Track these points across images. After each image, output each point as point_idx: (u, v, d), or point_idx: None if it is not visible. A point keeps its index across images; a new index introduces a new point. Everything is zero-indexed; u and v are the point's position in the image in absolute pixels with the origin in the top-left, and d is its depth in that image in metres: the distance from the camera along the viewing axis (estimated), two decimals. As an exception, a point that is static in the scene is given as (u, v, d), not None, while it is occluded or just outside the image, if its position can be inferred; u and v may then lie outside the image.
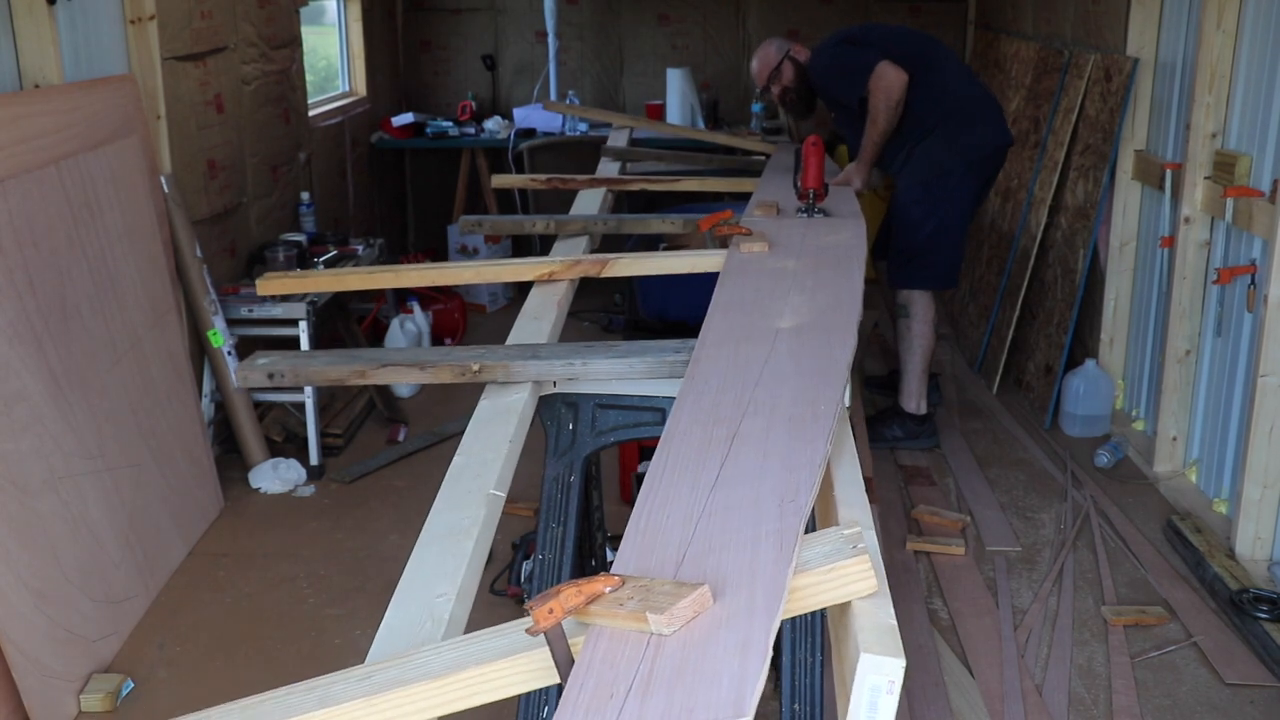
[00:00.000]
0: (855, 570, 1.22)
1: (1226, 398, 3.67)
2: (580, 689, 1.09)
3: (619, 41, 7.30)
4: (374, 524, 3.86)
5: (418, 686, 1.17)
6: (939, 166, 4.20)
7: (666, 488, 1.48)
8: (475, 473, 1.69)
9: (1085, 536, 3.66)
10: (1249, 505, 3.35)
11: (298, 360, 2.20)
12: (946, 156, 4.20)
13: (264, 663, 3.06)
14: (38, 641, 2.74)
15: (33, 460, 2.87)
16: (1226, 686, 2.88)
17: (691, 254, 2.97)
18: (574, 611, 1.16)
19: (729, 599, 1.19)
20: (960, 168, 4.22)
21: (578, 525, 2.14)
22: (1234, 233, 3.63)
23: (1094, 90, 4.60)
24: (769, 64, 4.43)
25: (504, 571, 3.31)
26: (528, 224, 3.57)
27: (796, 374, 1.80)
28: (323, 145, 5.70)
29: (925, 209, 4.23)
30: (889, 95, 4.04)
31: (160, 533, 3.45)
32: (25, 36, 3.21)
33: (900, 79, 4.04)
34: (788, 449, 1.53)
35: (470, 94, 7.07)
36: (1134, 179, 4.42)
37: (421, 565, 1.45)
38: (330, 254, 4.60)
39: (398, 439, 4.56)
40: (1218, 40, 3.63)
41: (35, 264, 3.01)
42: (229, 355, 4.03)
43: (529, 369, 2.04)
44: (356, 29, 6.51)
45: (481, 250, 6.42)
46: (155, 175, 3.78)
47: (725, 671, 1.07)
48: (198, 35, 4.15)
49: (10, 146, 2.97)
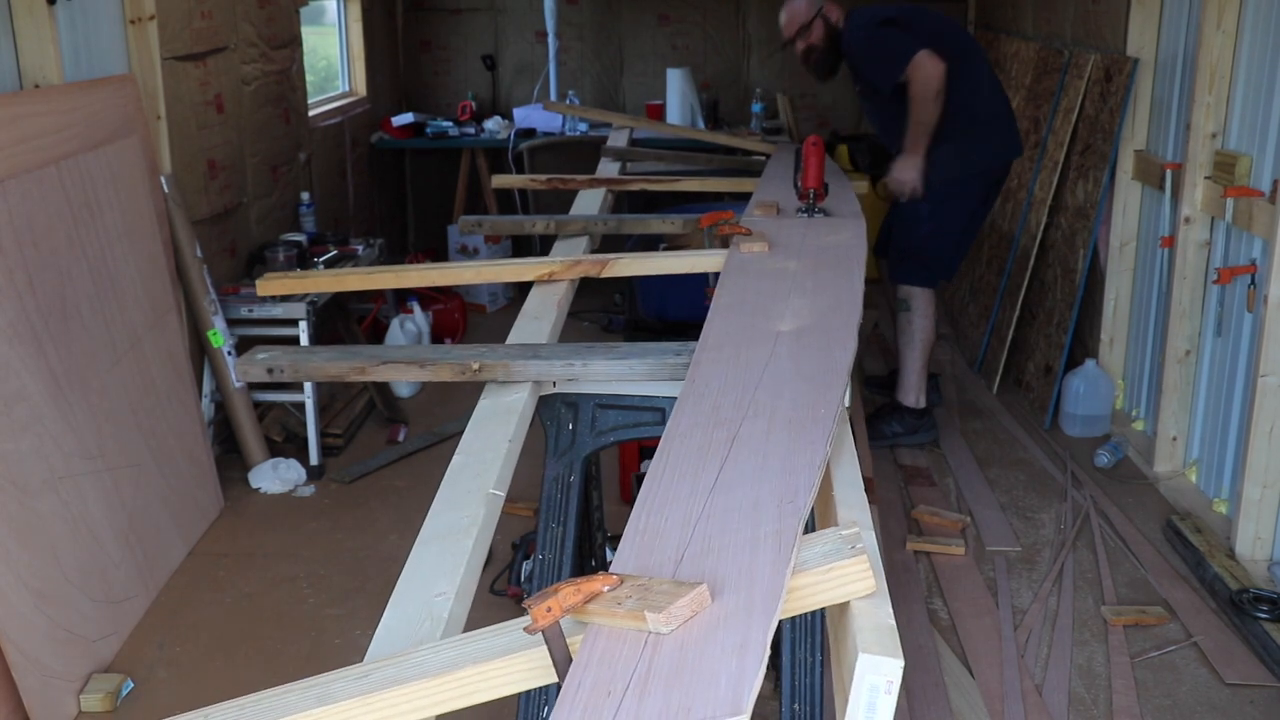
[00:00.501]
0: (854, 570, 1.22)
1: (1226, 398, 3.67)
2: (578, 687, 1.09)
3: (619, 41, 7.30)
4: (374, 524, 3.86)
5: (415, 685, 1.17)
6: (947, 172, 4.16)
7: (666, 489, 1.48)
8: (475, 472, 1.68)
9: (1085, 536, 3.66)
10: (1249, 505, 3.35)
11: (297, 355, 2.19)
12: (957, 166, 4.17)
13: (264, 662, 3.06)
14: (38, 641, 2.74)
15: (33, 460, 2.87)
16: (1226, 686, 2.88)
17: (691, 254, 2.97)
18: (572, 610, 1.16)
19: (727, 598, 1.19)
20: (968, 178, 4.23)
21: (577, 525, 2.14)
22: (1234, 233, 3.63)
23: (1094, 90, 4.60)
24: (798, 19, 4.28)
25: (504, 571, 3.31)
26: (528, 224, 3.57)
27: (797, 377, 1.80)
28: (323, 145, 5.70)
29: (928, 208, 4.22)
30: (927, 86, 3.97)
31: (160, 533, 3.45)
32: (25, 36, 3.21)
33: (938, 71, 3.95)
34: (787, 451, 1.53)
35: (470, 94, 7.08)
36: (1134, 179, 4.42)
37: (420, 564, 1.45)
38: (330, 254, 4.60)
39: (398, 439, 4.56)
40: (1218, 40, 3.63)
41: (35, 264, 3.01)
42: (229, 355, 4.03)
43: (529, 369, 2.03)
44: (356, 29, 6.51)
45: (481, 250, 6.42)
46: (155, 175, 3.79)
47: (723, 671, 1.07)
48: (198, 35, 4.15)
49: (10, 146, 2.97)
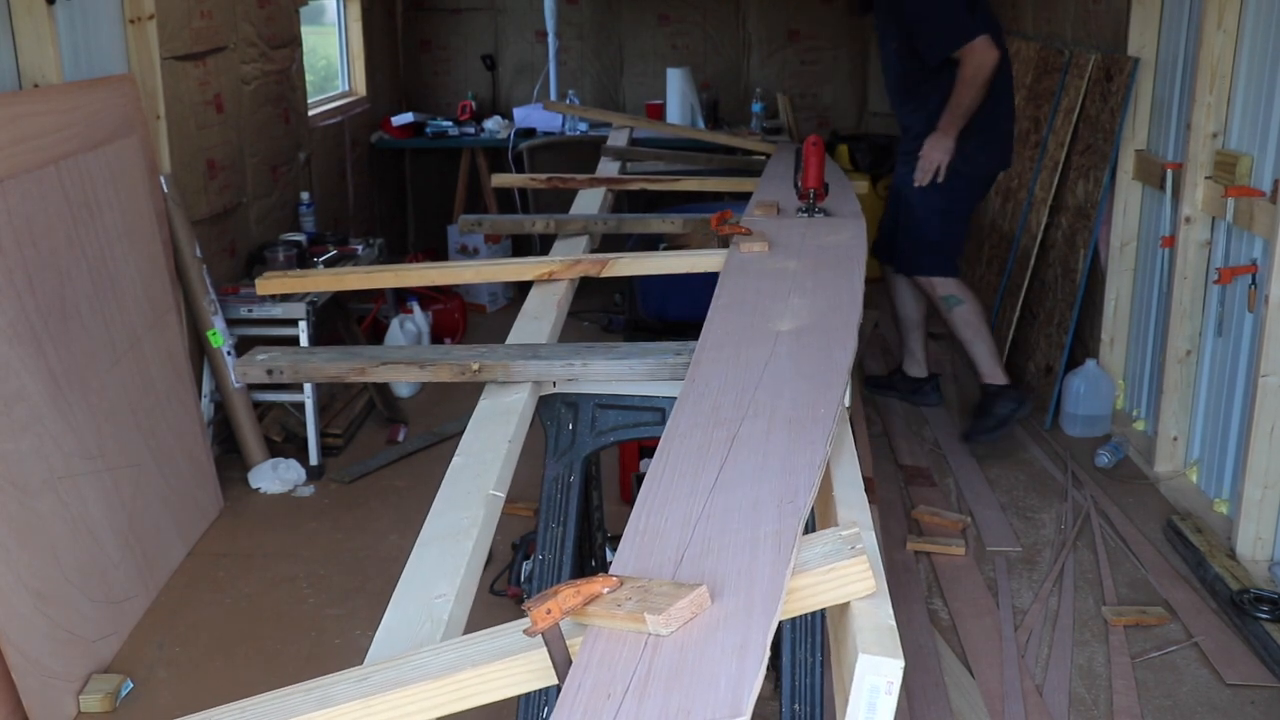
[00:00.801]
0: (853, 571, 1.22)
1: (1227, 398, 3.67)
2: (578, 689, 1.08)
3: (619, 41, 7.30)
4: (374, 524, 3.86)
5: (415, 687, 1.17)
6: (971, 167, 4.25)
7: (665, 490, 1.48)
8: (475, 473, 1.68)
9: (1085, 537, 3.66)
10: (1249, 505, 3.35)
11: (297, 356, 2.19)
12: (982, 162, 4.29)
13: (264, 663, 3.06)
14: (37, 642, 2.74)
15: (33, 460, 2.87)
16: (1227, 687, 2.88)
17: (691, 254, 2.97)
18: (572, 612, 1.16)
19: (727, 600, 1.18)
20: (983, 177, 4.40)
21: (577, 525, 2.13)
22: (1235, 232, 3.63)
23: (1094, 90, 4.60)
24: None
25: (504, 572, 3.30)
26: (528, 224, 3.56)
27: (797, 377, 1.80)
28: (323, 145, 5.70)
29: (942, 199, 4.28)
30: (979, 72, 3.96)
31: (160, 533, 3.45)
32: (25, 36, 3.21)
33: (992, 60, 3.95)
34: (787, 451, 1.53)
35: (470, 94, 7.08)
36: (1134, 179, 4.42)
37: (421, 566, 1.45)
38: (330, 254, 4.60)
39: (397, 439, 4.56)
40: (1218, 40, 3.62)
41: (35, 264, 3.01)
42: (229, 355, 4.03)
43: (529, 369, 2.03)
44: (356, 29, 6.51)
45: (481, 250, 6.42)
46: (155, 175, 3.78)
47: (722, 672, 1.06)
48: (197, 35, 4.15)
49: (10, 146, 2.97)
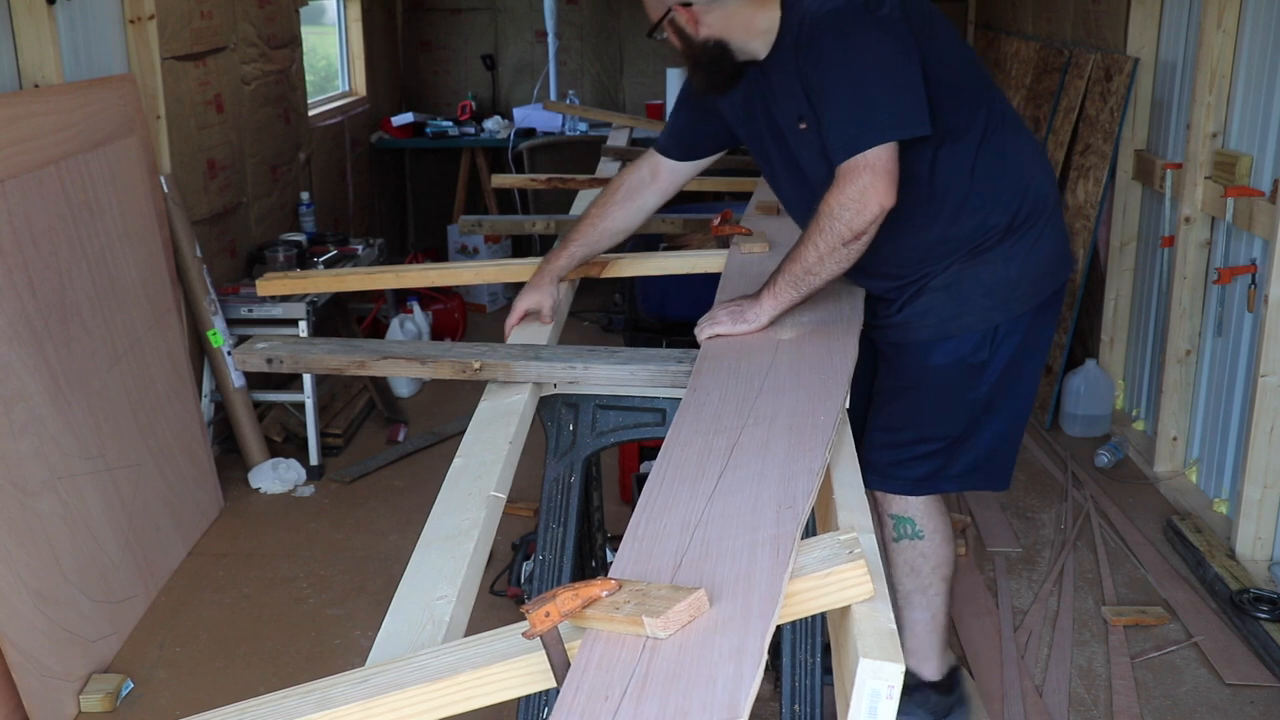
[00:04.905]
0: (852, 575, 1.22)
1: (1227, 398, 3.67)
2: (576, 692, 1.09)
3: (619, 41, 7.29)
4: (374, 524, 3.86)
5: (415, 690, 1.18)
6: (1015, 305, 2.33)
7: (665, 496, 1.48)
8: (475, 474, 1.68)
9: (1085, 536, 3.66)
10: (1249, 505, 3.35)
11: (297, 346, 2.19)
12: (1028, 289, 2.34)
13: (264, 663, 3.07)
14: (37, 642, 2.74)
15: (32, 460, 2.87)
16: (1227, 687, 2.88)
17: (691, 254, 2.97)
18: (570, 615, 1.16)
19: (725, 603, 1.19)
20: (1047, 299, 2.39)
21: (578, 526, 2.14)
22: (1234, 232, 3.63)
23: (1094, 90, 4.60)
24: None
25: (504, 572, 3.31)
26: (528, 224, 3.57)
27: (797, 386, 1.81)
28: (323, 145, 5.70)
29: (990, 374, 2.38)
30: (855, 217, 2.00)
31: (160, 533, 3.45)
32: (25, 36, 3.21)
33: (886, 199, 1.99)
34: (787, 458, 1.53)
35: (470, 94, 7.07)
36: (1134, 179, 4.42)
37: (421, 567, 1.45)
38: (330, 254, 4.60)
39: (398, 439, 4.56)
40: (1218, 40, 3.62)
41: (35, 264, 3.01)
42: (229, 355, 4.03)
43: (530, 370, 2.03)
44: (356, 29, 6.51)
45: (481, 250, 6.42)
46: (155, 175, 3.78)
47: (720, 675, 1.07)
48: (197, 35, 4.15)
49: (10, 147, 2.97)
